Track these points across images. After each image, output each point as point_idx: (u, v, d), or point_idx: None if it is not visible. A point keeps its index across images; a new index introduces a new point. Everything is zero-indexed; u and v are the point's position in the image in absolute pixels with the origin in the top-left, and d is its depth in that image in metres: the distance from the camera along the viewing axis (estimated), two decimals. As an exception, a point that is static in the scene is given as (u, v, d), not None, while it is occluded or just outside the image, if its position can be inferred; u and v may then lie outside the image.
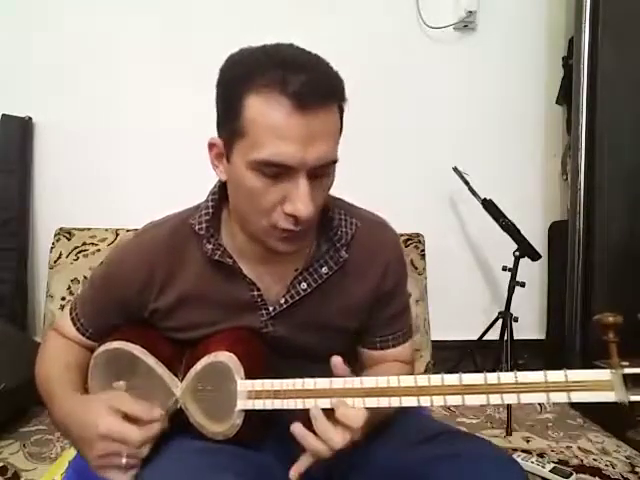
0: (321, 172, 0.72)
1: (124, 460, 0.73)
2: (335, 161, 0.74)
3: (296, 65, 0.69)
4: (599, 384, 0.61)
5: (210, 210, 0.83)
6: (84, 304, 0.92)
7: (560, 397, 0.62)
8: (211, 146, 0.79)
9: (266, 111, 0.68)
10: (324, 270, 0.84)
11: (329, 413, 0.70)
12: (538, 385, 0.63)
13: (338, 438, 0.68)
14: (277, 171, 0.70)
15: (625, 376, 0.60)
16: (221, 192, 0.84)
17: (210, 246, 0.82)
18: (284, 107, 0.67)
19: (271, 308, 0.84)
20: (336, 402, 0.70)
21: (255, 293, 0.84)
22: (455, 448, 0.77)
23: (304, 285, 0.84)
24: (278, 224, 0.73)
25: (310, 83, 0.67)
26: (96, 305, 0.91)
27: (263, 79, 0.68)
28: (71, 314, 0.93)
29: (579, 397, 0.61)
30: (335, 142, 0.73)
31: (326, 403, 0.70)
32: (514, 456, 1.30)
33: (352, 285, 0.87)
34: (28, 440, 1.40)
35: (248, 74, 0.70)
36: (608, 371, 0.61)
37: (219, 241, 0.83)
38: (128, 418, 0.75)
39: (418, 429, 0.82)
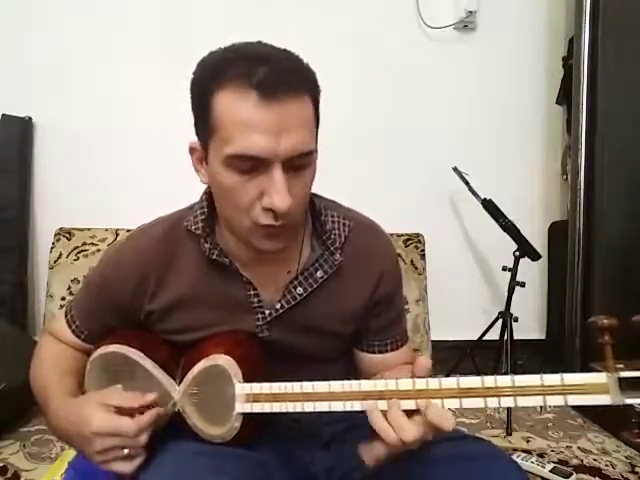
0: (298, 164, 0.70)
1: (125, 451, 0.74)
2: (311, 152, 0.71)
3: (260, 57, 0.68)
4: (595, 387, 0.61)
5: (205, 210, 0.83)
6: (79, 306, 0.92)
7: (557, 400, 0.62)
8: (192, 150, 0.78)
9: (233, 104, 0.68)
10: (319, 274, 0.83)
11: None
12: (535, 388, 0.63)
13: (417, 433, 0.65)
14: (251, 165, 0.69)
15: (620, 379, 0.60)
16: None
17: (208, 245, 0.81)
18: (250, 98, 0.66)
19: (267, 312, 0.84)
20: (424, 403, 0.66)
21: (252, 292, 0.83)
22: (455, 449, 0.77)
23: (300, 290, 0.83)
24: (259, 221, 0.72)
25: (275, 73, 0.66)
26: (91, 307, 0.90)
27: (229, 74, 0.68)
28: (66, 316, 0.93)
29: (575, 400, 0.62)
30: (309, 132, 0.71)
31: (384, 405, 0.68)
32: (514, 456, 1.31)
33: (347, 289, 0.86)
34: (28, 440, 1.40)
35: (215, 72, 0.70)
36: (604, 374, 0.61)
37: (216, 241, 0.83)
38: (121, 411, 0.75)
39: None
